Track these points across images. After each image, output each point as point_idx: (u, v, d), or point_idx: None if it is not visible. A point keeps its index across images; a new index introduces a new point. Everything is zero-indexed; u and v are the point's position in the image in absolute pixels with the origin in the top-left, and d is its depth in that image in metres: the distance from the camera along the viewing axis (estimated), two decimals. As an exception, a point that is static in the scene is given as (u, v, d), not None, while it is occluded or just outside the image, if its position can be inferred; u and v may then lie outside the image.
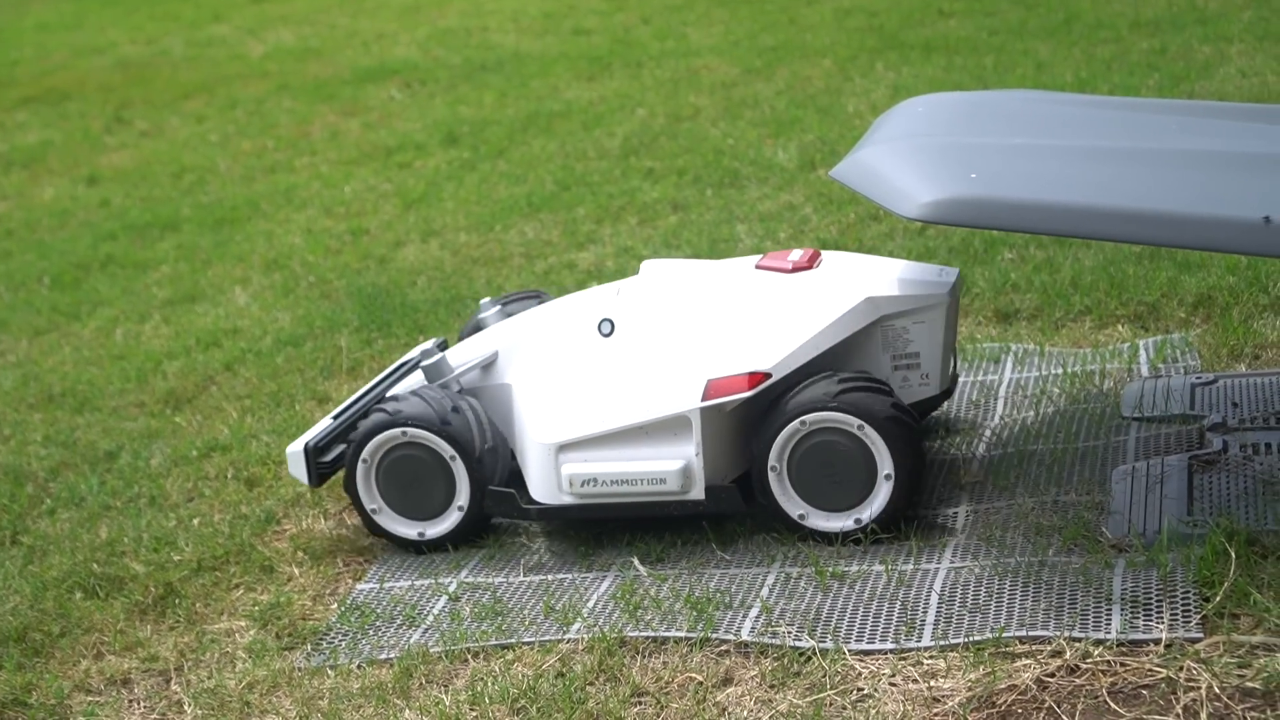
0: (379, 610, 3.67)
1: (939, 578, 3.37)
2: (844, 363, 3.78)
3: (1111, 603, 3.14)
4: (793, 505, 3.65)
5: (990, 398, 4.30)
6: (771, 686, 3.10)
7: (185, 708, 3.42)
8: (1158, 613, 3.08)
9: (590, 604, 3.50)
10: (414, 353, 4.39)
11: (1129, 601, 3.14)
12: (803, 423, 3.59)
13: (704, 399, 3.66)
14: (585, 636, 3.36)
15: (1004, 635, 3.09)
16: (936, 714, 2.93)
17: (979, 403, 4.28)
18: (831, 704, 3.01)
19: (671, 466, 3.67)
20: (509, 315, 4.31)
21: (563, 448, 3.76)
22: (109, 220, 7.61)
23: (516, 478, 3.97)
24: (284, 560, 3.97)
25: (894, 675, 3.06)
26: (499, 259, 6.11)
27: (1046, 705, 2.90)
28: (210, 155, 8.65)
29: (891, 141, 3.57)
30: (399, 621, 3.61)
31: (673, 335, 3.81)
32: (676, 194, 6.62)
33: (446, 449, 3.87)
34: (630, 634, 3.34)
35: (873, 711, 2.96)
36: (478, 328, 4.34)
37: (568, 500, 3.77)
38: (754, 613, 3.35)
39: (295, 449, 3.97)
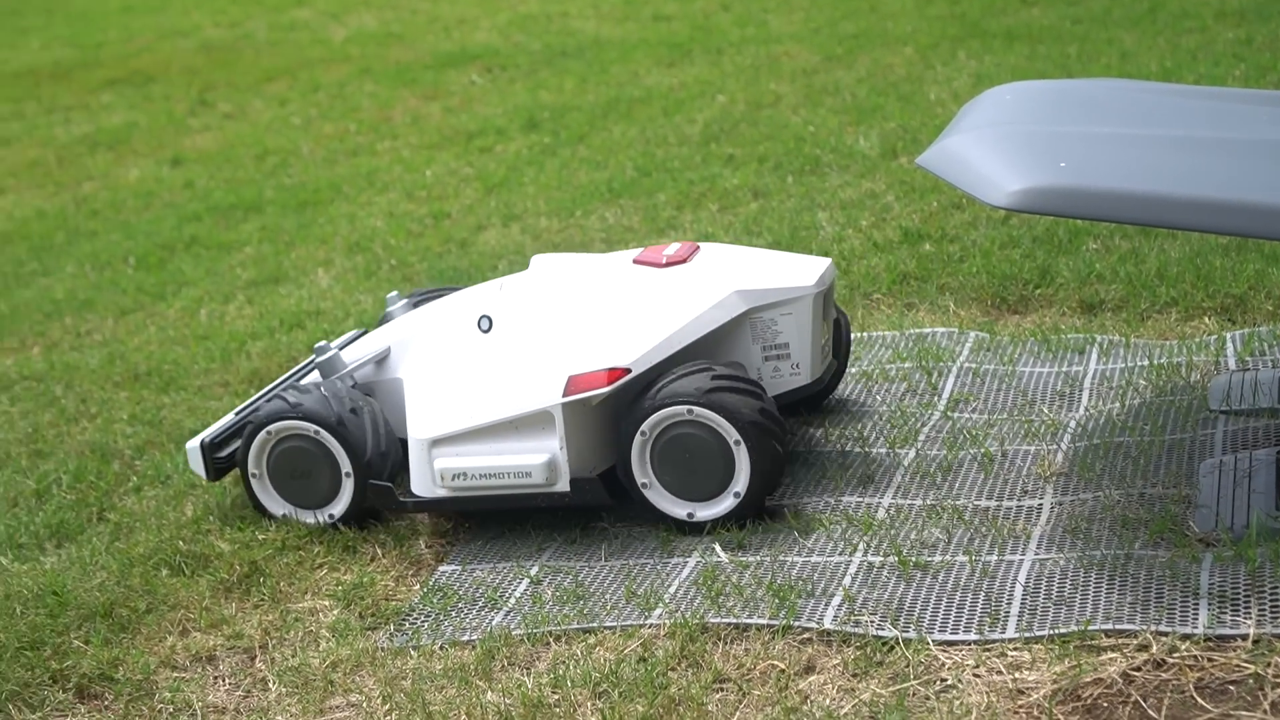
0: (461, 592, 3.69)
1: (1024, 569, 3.35)
2: (715, 354, 3.91)
3: (1199, 597, 3.12)
4: (673, 507, 3.77)
5: (1075, 389, 4.27)
6: (854, 675, 3.10)
7: (270, 685, 3.45)
8: (1245, 608, 3.05)
9: (672, 589, 3.51)
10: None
11: (1216, 596, 3.11)
12: (649, 423, 3.71)
13: (565, 394, 3.75)
14: (667, 622, 3.37)
15: (1090, 628, 3.07)
16: (1021, 706, 2.92)
17: (1064, 394, 4.25)
18: (914, 694, 3.00)
19: (537, 460, 3.78)
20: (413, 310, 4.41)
21: (436, 442, 3.87)
22: (193, 201, 7.68)
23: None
24: (367, 541, 4.00)
25: (978, 666, 3.05)
26: (580, 244, 6.13)
27: (1133, 700, 2.88)
28: (293, 138, 8.71)
29: (979, 129, 3.55)
30: (481, 603, 3.63)
31: (544, 331, 3.91)
32: (757, 181, 6.61)
33: (340, 450, 3.99)
34: (712, 620, 3.34)
35: (956, 702, 2.95)
36: (385, 322, 4.44)
37: (441, 493, 3.89)
38: (836, 601, 3.34)
39: (192, 445, 4.16)
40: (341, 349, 4.32)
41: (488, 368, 3.90)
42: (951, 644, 3.14)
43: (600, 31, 10.62)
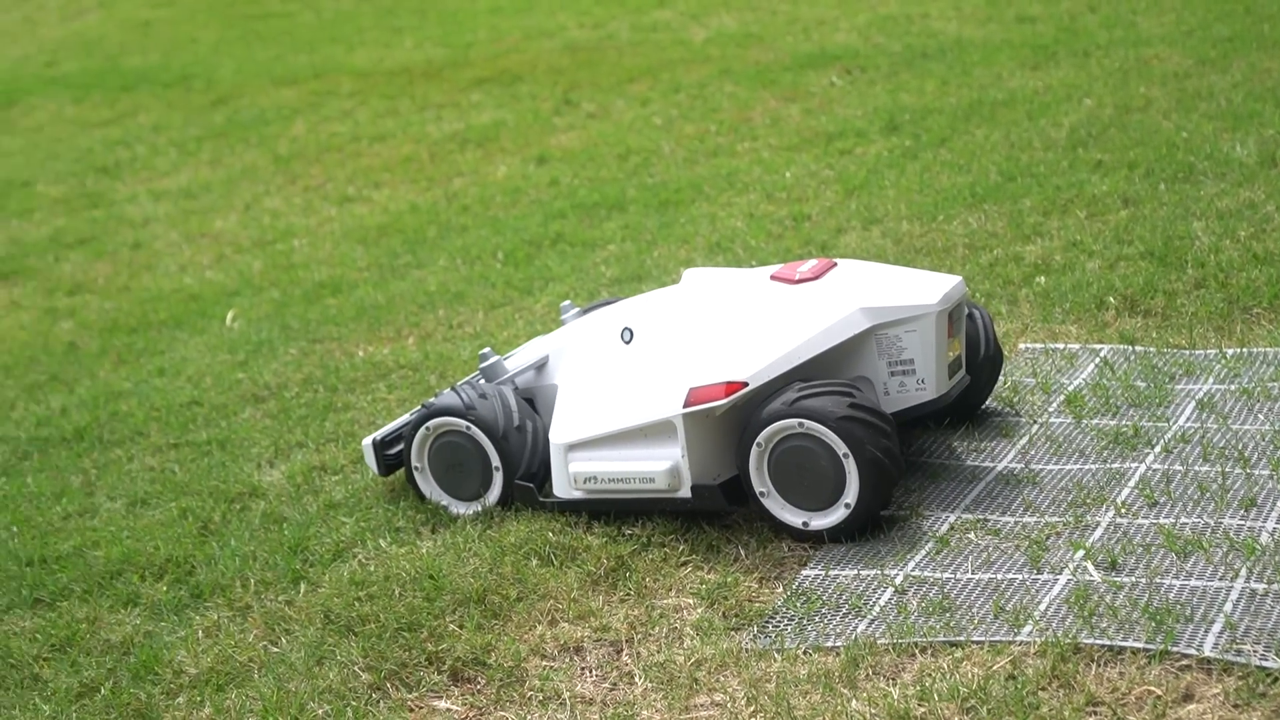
0: (824, 597, 3.69)
1: None
2: (842, 368, 4.05)
3: None
4: (785, 512, 3.93)
5: None
6: (1235, 706, 2.99)
7: (636, 679, 3.51)
8: None
9: (1042, 607, 3.44)
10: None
11: None
12: (764, 434, 3.88)
13: (685, 405, 3.94)
14: (1037, 640, 3.30)
15: None
16: None
17: None
18: (1303, 730, 2.88)
19: (660, 467, 4.00)
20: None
21: (572, 446, 4.13)
22: (558, 199, 7.86)
23: None
24: (730, 541, 4.03)
25: (1372, 705, 2.91)
26: (942, 249, 6.06)
27: None
28: (654, 138, 8.84)
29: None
30: (844, 610, 3.62)
31: (676, 343, 4.12)
32: (1127, 188, 6.43)
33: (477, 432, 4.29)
34: (1085, 640, 3.26)
35: (1349, 742, 2.82)
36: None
37: (576, 495, 4.14)
38: (1216, 628, 3.23)
39: (366, 442, 4.52)
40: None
41: (624, 377, 4.14)
42: (1343, 680, 3.00)
43: (962, 33, 10.48)
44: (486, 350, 4.61)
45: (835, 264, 4.18)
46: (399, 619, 3.83)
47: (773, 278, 4.18)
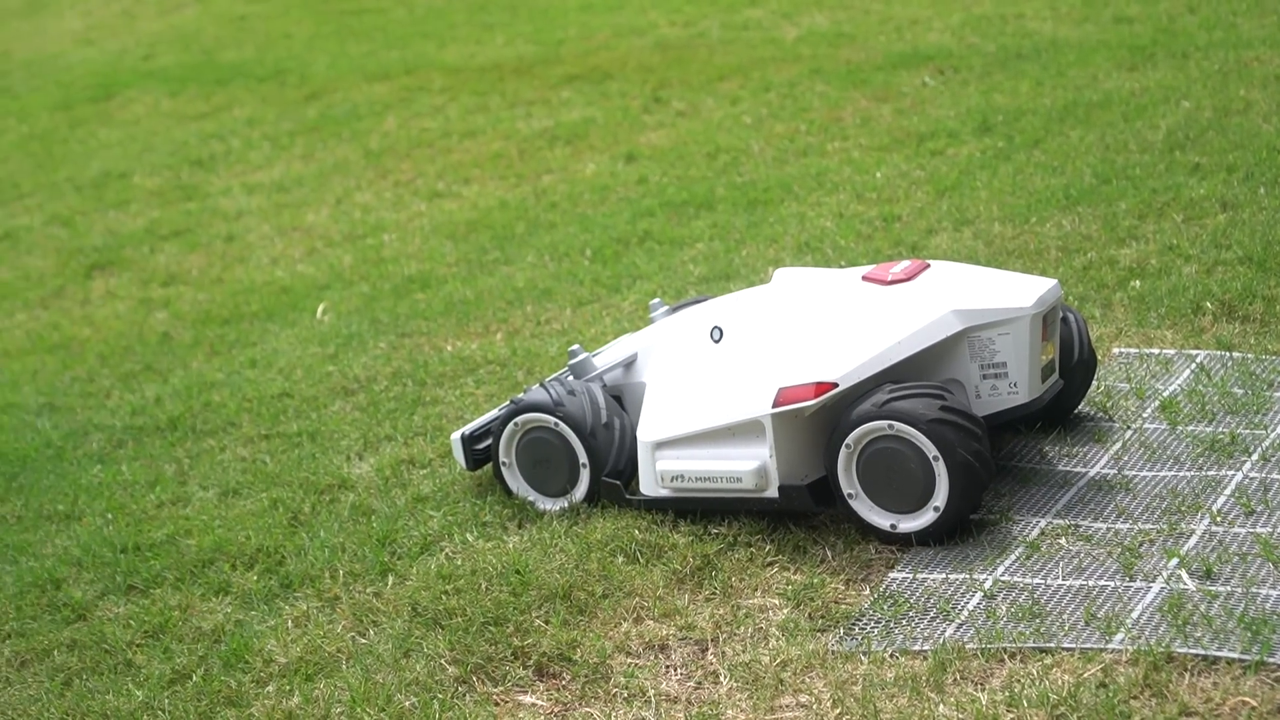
0: (912, 600, 3.67)
1: None
2: (932, 372, 4.00)
3: None
4: (873, 515, 3.91)
5: None
6: (1332, 720, 2.94)
7: (721, 679, 3.51)
8: None
9: (1134, 615, 3.40)
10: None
11: None
12: (853, 436, 3.86)
13: (775, 405, 3.92)
14: (1129, 648, 3.27)
15: None
16: None
17: None
18: (1402, 746, 2.83)
19: (748, 466, 3.98)
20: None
21: (659, 445, 4.13)
22: (646, 197, 7.86)
23: None
24: (816, 542, 4.01)
25: None
26: (1034, 252, 6.00)
27: None
28: (744, 136, 8.82)
29: None
30: (932, 614, 3.59)
31: (766, 343, 4.10)
32: (1225, 192, 6.34)
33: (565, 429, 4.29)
34: (1178, 650, 3.22)
35: None
36: None
37: (663, 493, 4.14)
38: (1313, 640, 3.18)
39: (455, 437, 4.54)
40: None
41: (713, 376, 4.13)
42: None
43: (1057, 33, 10.38)
44: (576, 347, 4.62)
45: (928, 265, 4.16)
46: (485, 613, 3.85)
47: (864, 278, 4.15)
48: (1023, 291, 4.01)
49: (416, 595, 4.00)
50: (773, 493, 3.99)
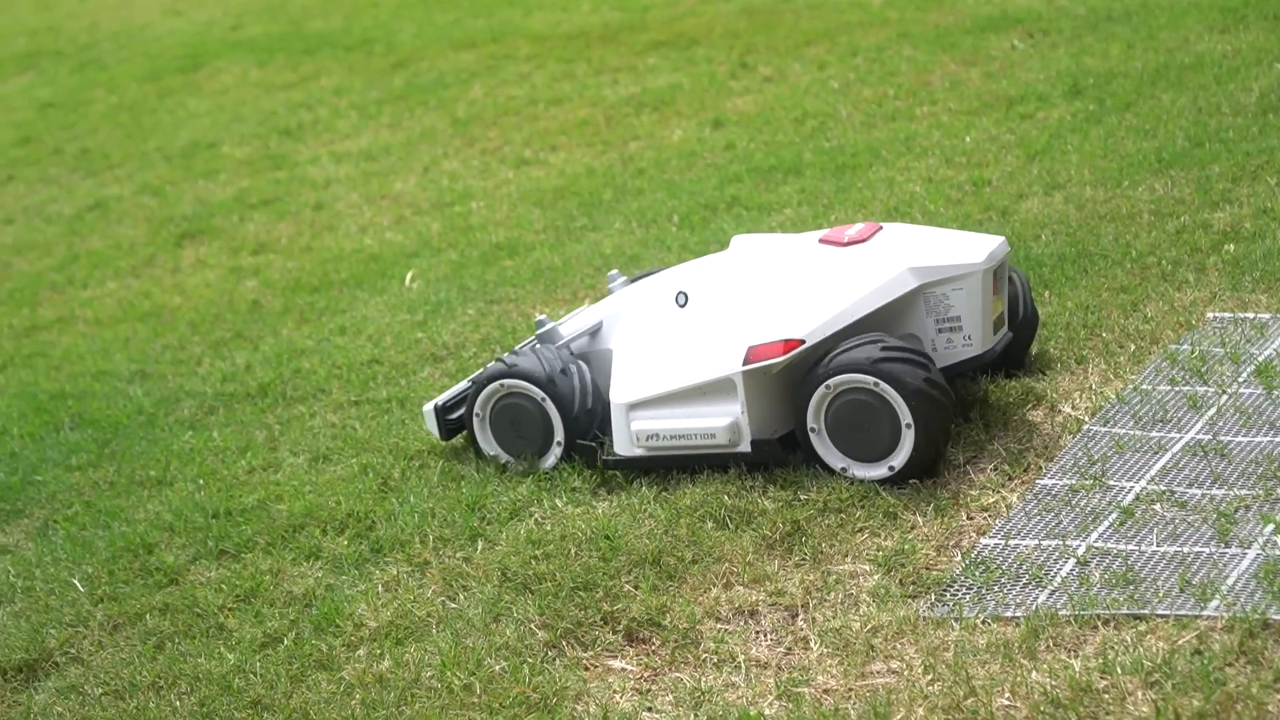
0: (1003, 567, 3.64)
1: None
2: (890, 327, 4.18)
3: None
4: (834, 459, 4.10)
5: None
6: None
7: (811, 645, 3.50)
8: None
9: (1230, 581, 3.36)
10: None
11: None
12: (828, 386, 4.04)
13: (745, 363, 4.12)
14: (1224, 615, 3.23)
15: None
16: None
17: None
18: None
19: (721, 423, 4.17)
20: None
21: (633, 406, 4.29)
22: (734, 163, 7.83)
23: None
24: (908, 509, 3.99)
25: None
26: (1126, 216, 5.93)
27: None
28: (831, 102, 8.76)
29: None
30: (1024, 580, 3.57)
31: (731, 305, 4.27)
32: (1322, 154, 6.23)
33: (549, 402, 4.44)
34: (1274, 616, 3.18)
35: None
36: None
37: (638, 453, 4.30)
38: None
39: (427, 408, 4.68)
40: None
41: (681, 339, 4.30)
42: None
43: (1148, -5, 10.23)
44: (543, 316, 4.77)
45: (881, 227, 4.33)
46: (575, 578, 3.86)
47: (821, 241, 4.34)
48: (974, 248, 4.18)
49: (506, 560, 4.01)
50: (745, 447, 4.18)
